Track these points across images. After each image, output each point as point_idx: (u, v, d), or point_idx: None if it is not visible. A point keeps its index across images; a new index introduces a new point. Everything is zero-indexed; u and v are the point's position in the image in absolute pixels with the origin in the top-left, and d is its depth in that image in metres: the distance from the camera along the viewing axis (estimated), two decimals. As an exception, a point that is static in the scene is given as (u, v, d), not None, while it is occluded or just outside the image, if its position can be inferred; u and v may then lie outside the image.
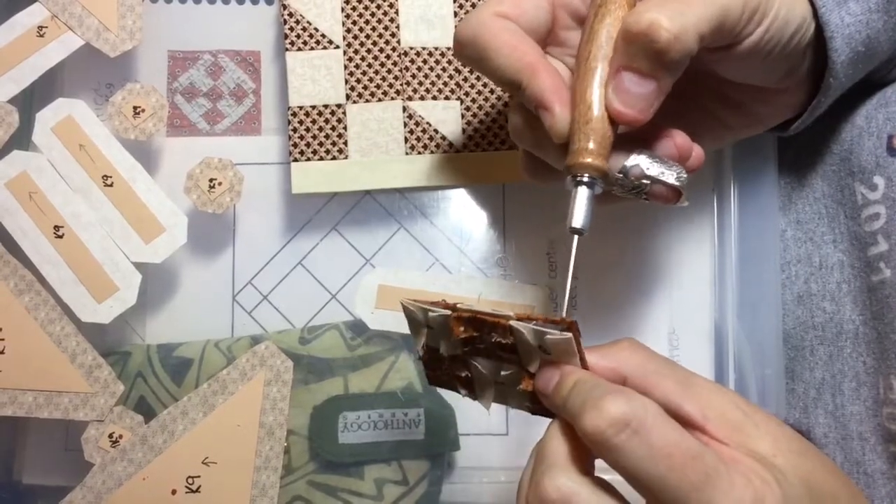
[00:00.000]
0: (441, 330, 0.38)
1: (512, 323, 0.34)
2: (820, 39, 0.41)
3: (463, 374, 0.39)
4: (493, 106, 0.52)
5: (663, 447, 0.30)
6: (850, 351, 0.48)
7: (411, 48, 0.52)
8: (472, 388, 0.39)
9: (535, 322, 0.34)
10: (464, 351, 0.38)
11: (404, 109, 0.51)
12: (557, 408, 0.35)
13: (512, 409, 0.39)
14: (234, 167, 0.51)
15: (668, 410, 0.33)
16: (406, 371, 0.50)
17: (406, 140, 0.51)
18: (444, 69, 0.52)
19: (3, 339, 0.47)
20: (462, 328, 0.36)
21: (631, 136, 0.39)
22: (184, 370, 0.50)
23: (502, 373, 0.38)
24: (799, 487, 0.31)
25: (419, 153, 0.51)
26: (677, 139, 0.39)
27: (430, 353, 0.40)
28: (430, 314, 0.37)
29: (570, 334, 0.34)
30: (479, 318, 0.36)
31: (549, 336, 0.34)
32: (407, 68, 0.52)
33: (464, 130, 0.52)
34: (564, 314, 0.36)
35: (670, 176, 0.38)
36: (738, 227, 0.52)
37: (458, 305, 0.37)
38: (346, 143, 0.51)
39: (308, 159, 0.51)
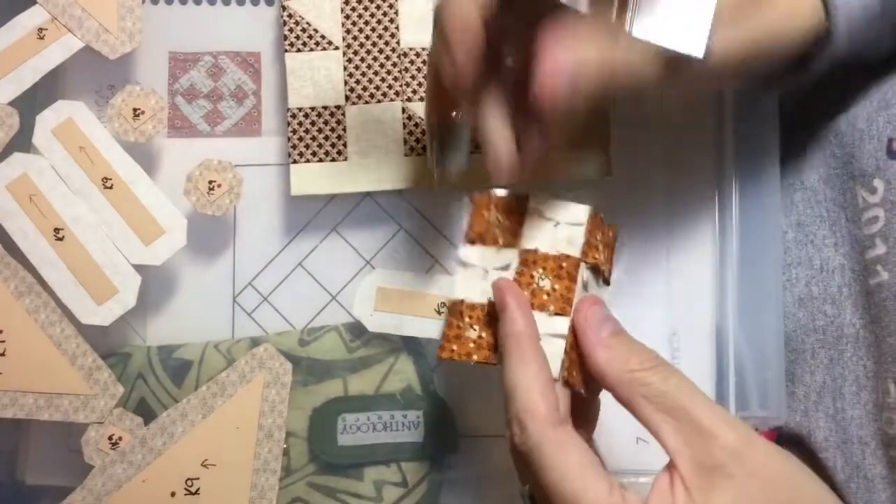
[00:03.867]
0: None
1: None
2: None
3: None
4: (492, 107, 0.52)
5: None
6: (850, 355, 0.48)
7: (411, 49, 0.52)
8: None
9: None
10: None
11: (403, 110, 0.51)
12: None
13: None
14: (233, 169, 0.51)
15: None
16: (405, 373, 0.50)
17: (405, 141, 0.51)
18: (443, 70, 0.52)
19: (3, 341, 0.48)
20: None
21: None
22: (184, 372, 0.50)
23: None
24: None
25: (419, 154, 0.51)
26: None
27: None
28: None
29: None
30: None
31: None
32: (406, 69, 0.52)
33: (463, 132, 0.52)
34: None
35: None
36: (740, 229, 0.52)
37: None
38: (345, 145, 0.51)
39: (307, 161, 0.51)
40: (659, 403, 0.34)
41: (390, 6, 0.52)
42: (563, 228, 0.41)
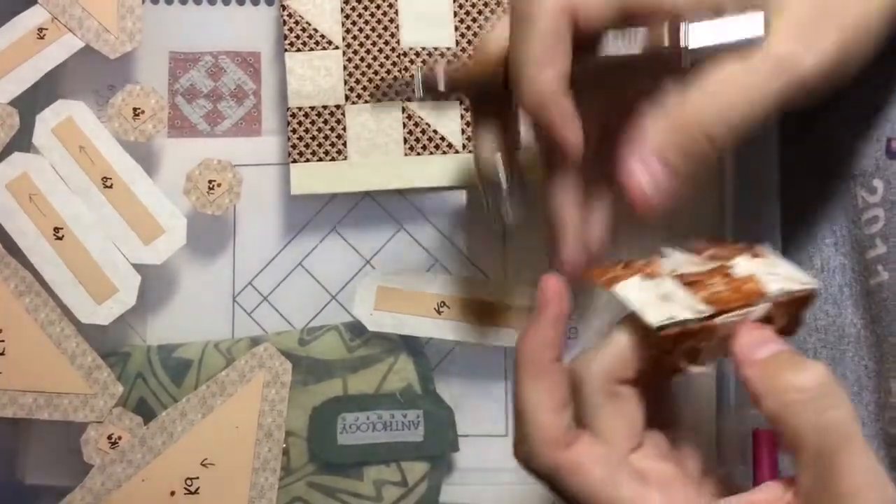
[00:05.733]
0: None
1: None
2: None
3: None
4: (492, 107, 0.52)
5: None
6: (851, 355, 0.48)
7: (411, 48, 0.52)
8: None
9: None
10: None
11: (403, 110, 0.51)
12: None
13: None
14: (233, 168, 0.51)
15: None
16: (405, 373, 0.50)
17: (405, 141, 0.51)
18: (443, 70, 0.52)
19: (3, 341, 0.48)
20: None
21: None
22: (183, 371, 0.50)
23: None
24: None
25: (418, 154, 0.51)
26: None
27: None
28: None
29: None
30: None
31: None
32: (406, 69, 0.52)
33: (463, 131, 0.52)
34: None
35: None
36: (739, 228, 0.52)
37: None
38: (345, 144, 0.51)
39: (307, 160, 0.51)
40: (808, 438, 0.30)
41: (390, 6, 0.52)
42: (773, 280, 0.35)
